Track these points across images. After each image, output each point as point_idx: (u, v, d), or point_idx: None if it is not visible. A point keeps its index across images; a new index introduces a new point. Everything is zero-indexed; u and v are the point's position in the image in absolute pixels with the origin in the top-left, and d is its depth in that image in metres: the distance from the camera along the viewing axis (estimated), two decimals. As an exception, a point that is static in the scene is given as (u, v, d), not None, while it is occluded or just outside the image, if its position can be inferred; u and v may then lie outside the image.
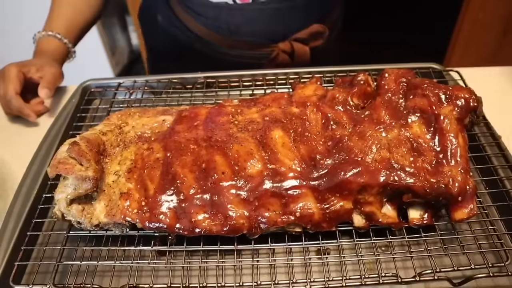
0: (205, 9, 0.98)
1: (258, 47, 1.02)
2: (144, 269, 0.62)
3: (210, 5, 0.97)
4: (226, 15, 0.97)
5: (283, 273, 0.60)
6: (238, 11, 0.97)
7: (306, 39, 1.02)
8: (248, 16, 0.97)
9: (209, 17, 0.99)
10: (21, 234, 0.63)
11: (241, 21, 0.98)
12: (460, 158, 0.60)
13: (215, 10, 0.97)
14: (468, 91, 0.65)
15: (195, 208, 0.59)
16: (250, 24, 0.99)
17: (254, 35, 1.00)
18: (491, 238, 0.61)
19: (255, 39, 1.01)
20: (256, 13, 0.97)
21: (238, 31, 1.00)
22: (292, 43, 1.02)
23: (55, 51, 0.96)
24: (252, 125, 0.67)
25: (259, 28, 0.99)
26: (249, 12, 0.97)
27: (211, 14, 0.98)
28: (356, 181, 0.58)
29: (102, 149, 0.66)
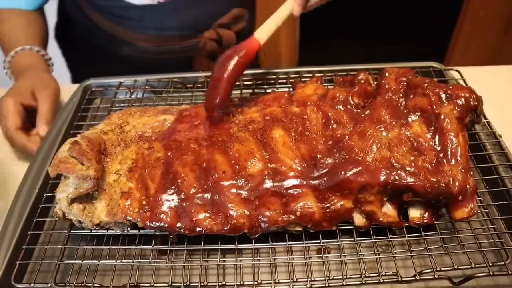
0: (128, 12, 0.98)
1: (185, 39, 1.03)
2: (145, 268, 0.62)
3: (133, 7, 0.97)
4: (150, 13, 0.98)
5: (284, 272, 0.61)
6: (161, 7, 0.98)
7: (229, 24, 1.05)
8: (171, 10, 0.99)
9: (133, 19, 0.99)
10: (23, 233, 0.63)
11: (166, 16, 1.00)
12: (460, 157, 0.60)
13: (139, 11, 0.98)
14: (469, 90, 0.65)
15: (196, 207, 0.59)
16: (175, 18, 1.00)
17: (180, 28, 1.02)
18: (491, 237, 0.61)
19: (181, 32, 1.03)
20: (178, 7, 0.99)
21: (164, 27, 1.01)
22: (217, 30, 1.04)
23: (36, 64, 0.90)
24: (253, 124, 0.67)
25: (184, 20, 1.01)
26: (172, 6, 0.98)
27: (135, 15, 0.99)
28: (356, 180, 0.58)
29: (103, 148, 0.66)
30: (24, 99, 0.82)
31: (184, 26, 1.02)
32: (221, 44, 1.04)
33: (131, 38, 1.02)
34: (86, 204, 0.62)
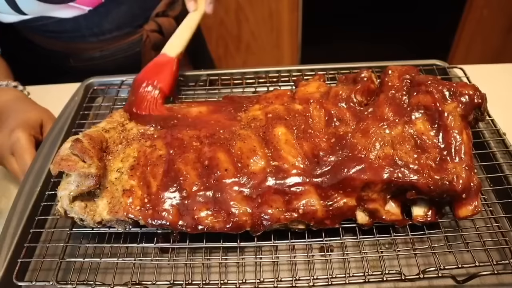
0: (61, 25, 0.97)
1: (126, 37, 1.03)
2: (147, 266, 0.62)
3: (64, 20, 0.95)
4: (84, 22, 0.97)
5: (286, 270, 0.60)
6: (93, 13, 0.96)
7: (165, 11, 1.04)
8: (104, 13, 0.97)
9: (70, 31, 0.98)
10: (24, 231, 0.63)
11: (100, 21, 0.98)
12: (464, 155, 0.60)
13: (71, 22, 0.96)
14: (473, 88, 0.65)
15: (198, 205, 0.59)
16: (109, 20, 0.99)
17: (118, 28, 1.01)
18: (495, 236, 0.61)
19: (120, 32, 1.02)
20: (110, 7, 0.97)
21: (102, 31, 1.00)
22: (156, 20, 1.03)
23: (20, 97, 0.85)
24: (255, 122, 0.66)
25: (119, 19, 1.00)
26: (103, 10, 0.97)
27: (68, 27, 0.97)
28: (359, 178, 0.58)
29: (105, 146, 0.66)
30: (35, 133, 0.78)
31: (121, 25, 1.01)
32: (163, 33, 1.04)
33: (72, 49, 1.02)
34: (88, 202, 0.61)
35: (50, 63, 1.03)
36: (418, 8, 2.29)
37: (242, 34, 2.17)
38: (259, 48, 2.23)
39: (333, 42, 2.24)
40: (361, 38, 2.24)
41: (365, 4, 2.24)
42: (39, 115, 0.81)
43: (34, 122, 0.79)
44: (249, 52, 2.25)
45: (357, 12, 2.25)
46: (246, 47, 2.23)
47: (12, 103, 0.82)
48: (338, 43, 2.22)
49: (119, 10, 0.99)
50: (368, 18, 2.29)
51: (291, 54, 2.25)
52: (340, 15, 2.24)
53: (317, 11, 2.13)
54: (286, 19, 2.08)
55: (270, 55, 2.25)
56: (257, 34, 2.17)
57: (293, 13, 2.06)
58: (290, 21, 2.09)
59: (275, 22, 2.10)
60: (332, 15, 2.23)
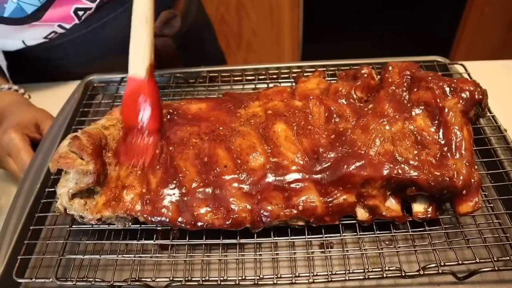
0: (49, 53, 0.92)
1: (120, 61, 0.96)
2: (146, 263, 0.62)
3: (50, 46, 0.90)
4: (71, 48, 0.92)
5: (286, 267, 0.60)
6: (79, 38, 0.91)
7: (162, 30, 0.96)
8: (91, 38, 0.92)
9: (58, 58, 0.94)
10: (24, 228, 0.63)
11: (88, 46, 0.93)
12: (464, 151, 0.60)
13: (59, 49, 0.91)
14: (473, 84, 0.64)
15: (197, 202, 0.59)
16: (98, 45, 0.94)
17: (109, 53, 0.95)
18: (496, 232, 0.61)
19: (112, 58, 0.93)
20: (97, 32, 0.91)
21: (93, 58, 0.96)
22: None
23: (19, 99, 0.86)
24: (255, 118, 0.66)
25: (109, 44, 0.94)
26: (90, 35, 0.91)
27: (57, 54, 0.93)
28: (359, 174, 0.58)
29: (104, 143, 0.65)
30: (29, 132, 0.77)
31: (113, 50, 0.92)
32: (160, 55, 0.96)
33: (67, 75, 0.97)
34: (87, 199, 0.61)
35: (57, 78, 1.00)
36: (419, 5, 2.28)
37: (243, 31, 2.16)
38: (259, 45, 2.22)
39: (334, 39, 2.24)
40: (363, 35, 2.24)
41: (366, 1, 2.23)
42: (32, 115, 0.81)
43: (27, 122, 0.79)
44: (250, 49, 2.24)
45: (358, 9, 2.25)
46: (247, 44, 2.22)
47: (9, 107, 0.82)
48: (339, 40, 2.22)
49: (109, 34, 0.92)
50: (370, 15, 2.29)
51: (292, 51, 2.24)
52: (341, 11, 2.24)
53: (318, 7, 2.12)
54: (287, 16, 2.08)
55: (271, 52, 2.25)
56: (258, 31, 2.17)
57: (294, 9, 2.06)
58: (291, 18, 2.09)
59: (276, 19, 2.10)
60: (333, 12, 2.23)
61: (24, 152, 0.74)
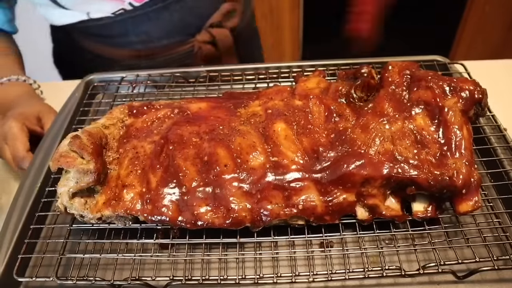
0: (109, 29, 0.93)
1: (176, 46, 0.97)
2: (146, 262, 0.62)
3: (112, 22, 0.91)
4: (132, 25, 0.93)
5: (286, 266, 0.60)
6: (141, 16, 0.91)
7: (221, 22, 0.97)
8: (153, 18, 0.92)
9: (116, 35, 0.94)
10: (25, 227, 0.63)
11: (149, 26, 0.93)
12: (464, 150, 0.60)
13: (120, 25, 0.92)
14: (473, 83, 0.64)
15: (198, 201, 0.59)
16: (159, 26, 0.94)
17: (168, 36, 0.96)
18: (496, 231, 0.61)
19: (170, 40, 0.96)
20: (160, 12, 0.92)
21: (151, 38, 0.95)
22: (210, 31, 0.97)
23: (28, 92, 0.88)
24: (255, 117, 0.66)
25: (170, 26, 0.95)
26: (153, 14, 0.91)
27: (116, 31, 0.93)
28: (359, 173, 0.58)
29: (105, 142, 0.65)
30: (30, 124, 0.79)
31: (171, 33, 0.95)
32: (216, 46, 0.99)
33: (119, 55, 0.98)
34: (87, 198, 0.61)
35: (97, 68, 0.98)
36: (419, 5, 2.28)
37: (243, 31, 2.16)
38: (260, 45, 2.22)
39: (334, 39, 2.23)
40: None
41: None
42: (36, 108, 0.82)
43: (29, 114, 0.80)
44: (250, 49, 2.24)
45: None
46: (247, 44, 2.22)
47: (17, 98, 0.84)
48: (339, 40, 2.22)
49: (170, 16, 0.93)
50: (369, 14, 2.28)
51: (292, 51, 2.24)
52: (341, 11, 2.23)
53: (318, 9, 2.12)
54: (288, 16, 2.08)
55: (272, 52, 2.24)
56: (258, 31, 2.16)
57: (295, 10, 2.05)
58: (292, 18, 2.09)
59: (276, 19, 2.10)
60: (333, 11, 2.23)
61: (20, 142, 0.75)
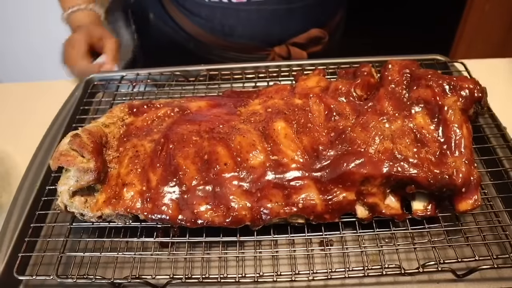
0: (199, 8, 0.96)
1: (253, 50, 0.99)
2: (146, 260, 0.62)
3: (204, 4, 0.94)
4: (221, 15, 0.95)
5: (286, 265, 0.60)
6: (233, 11, 0.93)
7: (304, 44, 0.99)
8: (243, 17, 0.94)
9: (203, 17, 0.97)
10: (25, 226, 0.63)
11: (236, 22, 0.95)
12: (464, 149, 0.60)
13: (210, 10, 0.95)
14: (473, 82, 0.64)
15: (198, 200, 0.59)
16: (245, 26, 0.96)
17: (249, 38, 0.97)
18: (495, 230, 0.61)
19: (250, 42, 0.97)
20: (251, 14, 0.93)
21: (233, 33, 0.97)
22: (289, 48, 0.98)
23: (93, 19, 0.99)
24: (255, 116, 0.66)
25: (254, 30, 0.96)
26: (244, 13, 0.93)
27: (205, 13, 0.96)
28: (359, 172, 0.58)
29: (105, 141, 0.66)
30: (91, 38, 0.92)
31: (253, 36, 0.97)
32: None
33: (198, 35, 1.00)
34: (88, 196, 0.62)
35: (174, 37, 1.04)
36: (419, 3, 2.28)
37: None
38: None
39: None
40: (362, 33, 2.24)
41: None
42: (100, 31, 0.95)
43: (93, 32, 0.94)
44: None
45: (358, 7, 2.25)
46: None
47: (85, 24, 0.97)
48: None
49: (257, 20, 0.94)
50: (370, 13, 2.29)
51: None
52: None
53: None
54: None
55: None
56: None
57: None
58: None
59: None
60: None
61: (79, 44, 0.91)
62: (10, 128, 0.88)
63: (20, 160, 0.81)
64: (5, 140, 0.85)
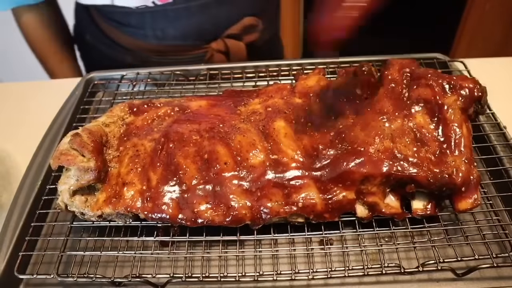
0: (127, 18, 0.93)
1: (189, 50, 0.97)
2: (147, 259, 0.62)
3: (132, 12, 0.91)
4: (150, 20, 0.92)
5: (286, 264, 0.60)
6: (161, 13, 0.91)
7: (239, 35, 0.97)
8: (172, 17, 0.92)
9: (133, 25, 0.94)
10: (25, 225, 0.64)
11: (166, 24, 0.93)
12: (464, 148, 0.60)
13: (138, 17, 0.92)
14: (472, 81, 0.64)
15: (198, 199, 0.59)
16: (176, 26, 0.93)
17: (183, 38, 0.95)
18: (495, 229, 0.61)
19: (185, 42, 0.95)
20: (180, 13, 0.91)
21: (165, 36, 0.95)
22: (225, 41, 0.96)
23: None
24: (255, 115, 0.66)
25: (186, 29, 0.94)
26: (172, 13, 0.91)
27: (134, 21, 0.94)
28: (359, 171, 0.58)
29: (105, 140, 0.66)
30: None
31: (187, 35, 0.95)
32: (229, 56, 0.98)
33: (133, 45, 0.97)
34: (88, 195, 0.62)
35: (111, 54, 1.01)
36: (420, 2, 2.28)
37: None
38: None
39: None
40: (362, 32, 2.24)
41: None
42: None
43: None
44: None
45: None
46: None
47: None
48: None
49: (189, 19, 0.93)
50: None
51: (292, 49, 2.24)
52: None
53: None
54: (288, 13, 2.07)
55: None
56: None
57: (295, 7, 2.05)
58: (292, 15, 2.08)
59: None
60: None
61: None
62: (11, 128, 0.88)
63: (20, 159, 0.81)
64: (5, 139, 0.85)
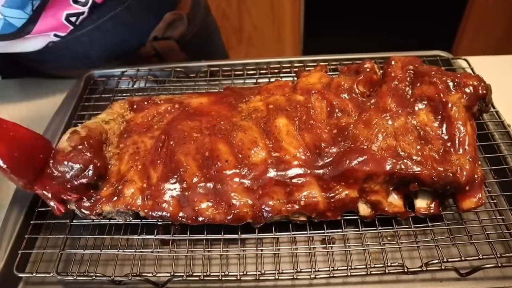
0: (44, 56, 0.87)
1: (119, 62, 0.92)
2: (147, 258, 0.61)
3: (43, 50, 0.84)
4: (66, 50, 0.88)
5: (288, 263, 0.60)
6: (73, 41, 0.85)
7: (165, 33, 0.93)
8: (85, 41, 0.86)
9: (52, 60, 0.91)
10: (25, 222, 0.63)
11: (84, 48, 0.88)
12: (468, 147, 0.59)
13: (53, 52, 0.86)
14: (477, 79, 0.64)
15: (198, 197, 0.58)
16: (94, 48, 0.89)
17: (108, 55, 0.90)
18: (499, 228, 0.60)
19: (111, 56, 0.90)
20: (93, 34, 0.86)
21: (89, 57, 0.90)
22: (153, 44, 0.92)
23: None
24: (256, 113, 0.66)
25: (106, 46, 0.89)
26: (85, 37, 0.85)
27: (52, 56, 0.89)
28: (361, 169, 0.57)
29: (105, 137, 0.65)
30: None
31: (111, 52, 0.89)
32: (162, 58, 0.95)
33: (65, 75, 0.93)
34: (88, 193, 0.61)
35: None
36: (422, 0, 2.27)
37: (244, 26, 2.15)
38: (260, 40, 2.21)
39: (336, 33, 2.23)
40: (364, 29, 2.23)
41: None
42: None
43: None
44: (251, 44, 2.23)
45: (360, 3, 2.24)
46: (248, 39, 2.22)
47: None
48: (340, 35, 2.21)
49: (104, 37, 0.87)
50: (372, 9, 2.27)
51: (293, 46, 2.23)
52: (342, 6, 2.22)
53: (319, 2, 2.11)
54: (288, 10, 2.07)
55: (272, 47, 2.24)
56: (258, 26, 2.16)
57: (295, 4, 2.04)
58: (292, 13, 2.08)
59: (277, 14, 2.09)
60: (334, 6, 2.22)
61: None
62: (10, 124, 0.87)
63: (20, 156, 0.80)
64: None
